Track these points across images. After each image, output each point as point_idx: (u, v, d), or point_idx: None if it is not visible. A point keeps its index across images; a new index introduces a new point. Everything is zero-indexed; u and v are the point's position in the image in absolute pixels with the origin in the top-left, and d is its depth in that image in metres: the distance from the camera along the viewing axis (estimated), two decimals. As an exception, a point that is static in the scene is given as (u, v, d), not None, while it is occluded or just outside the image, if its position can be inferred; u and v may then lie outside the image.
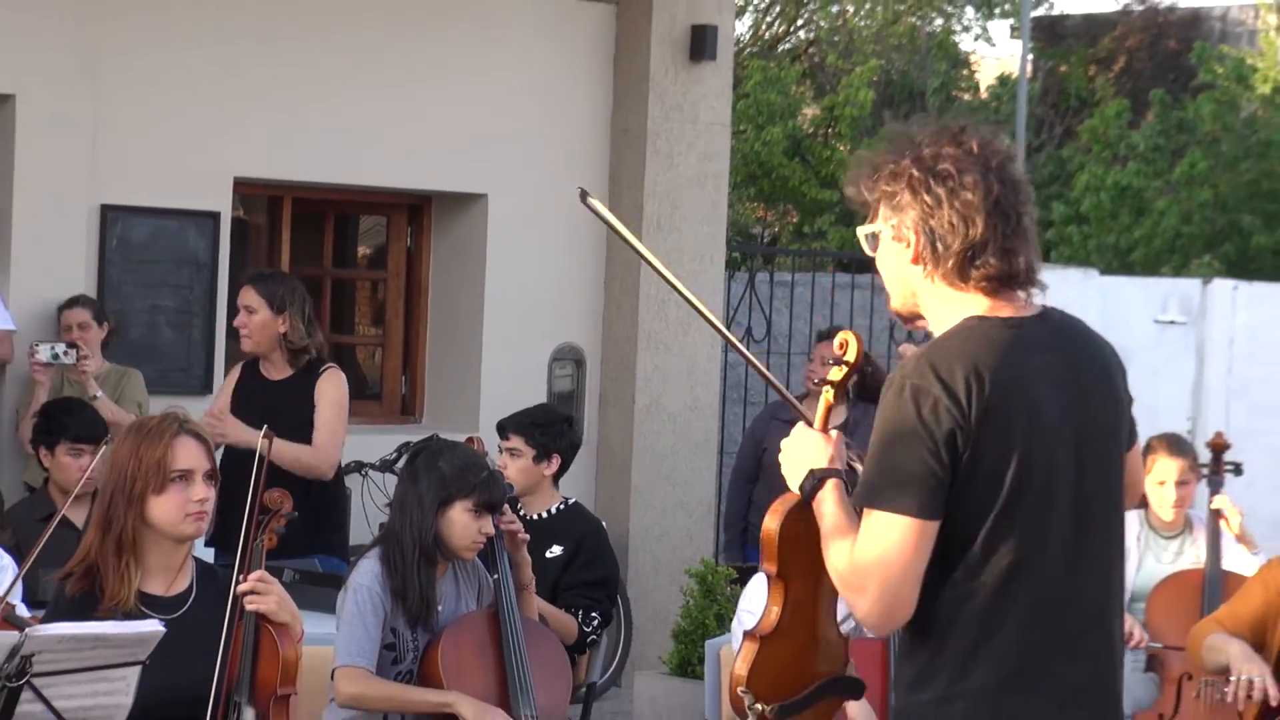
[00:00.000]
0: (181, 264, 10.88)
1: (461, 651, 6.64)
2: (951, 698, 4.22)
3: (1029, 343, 4.28)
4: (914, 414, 4.15)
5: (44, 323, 10.24)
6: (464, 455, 6.86)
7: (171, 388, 10.44)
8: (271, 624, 5.72)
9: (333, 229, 12.27)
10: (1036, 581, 4.22)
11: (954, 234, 4.21)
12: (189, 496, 5.72)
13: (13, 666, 4.86)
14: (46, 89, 10.40)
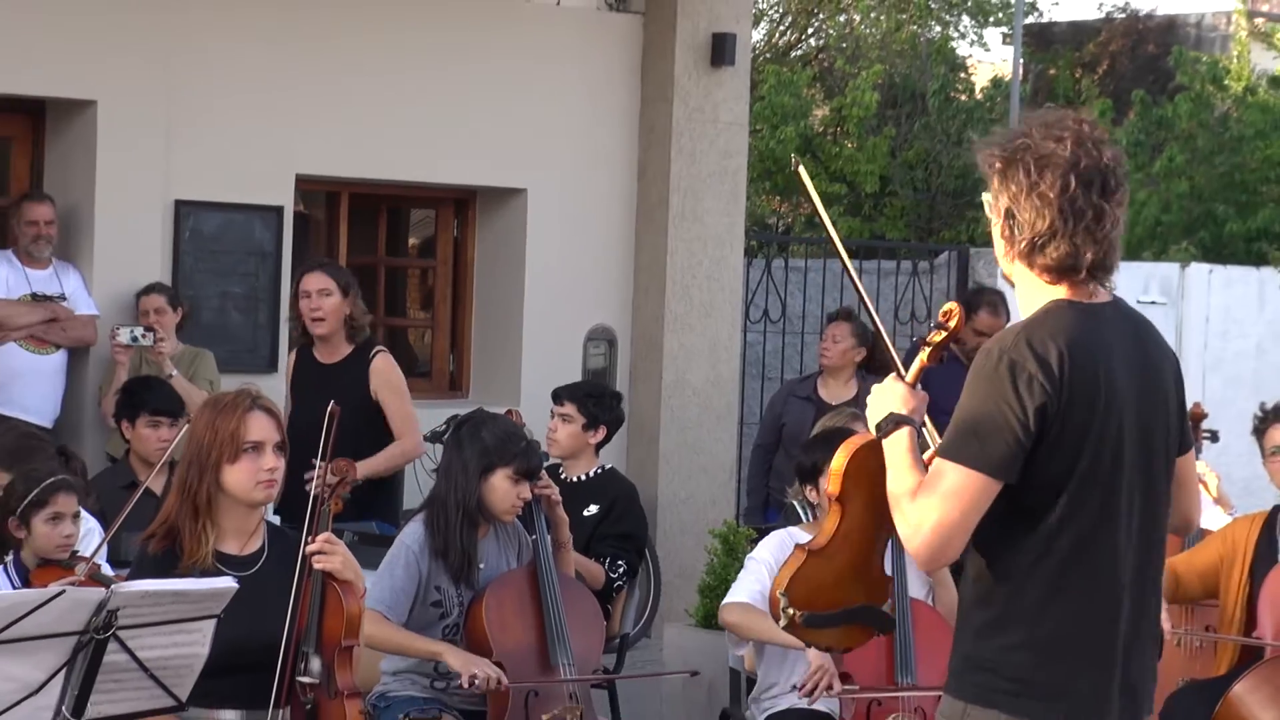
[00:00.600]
0: (248, 254, 10.89)
1: (503, 606, 6.66)
2: (1021, 646, 4.26)
3: (1107, 329, 4.30)
4: (1010, 385, 4.14)
5: (124, 308, 10.23)
6: (505, 426, 6.89)
7: (239, 367, 10.47)
8: (336, 581, 5.76)
9: (386, 221, 12.28)
10: (1102, 550, 4.26)
11: (1027, 222, 4.23)
12: (260, 465, 5.75)
13: (100, 620, 4.87)
14: (124, 96, 10.39)
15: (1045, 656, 4.25)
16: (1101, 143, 4.28)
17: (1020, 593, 4.27)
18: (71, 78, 10.33)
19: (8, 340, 9.91)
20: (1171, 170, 20.48)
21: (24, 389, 9.95)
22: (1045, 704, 4.25)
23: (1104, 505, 4.25)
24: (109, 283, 10.35)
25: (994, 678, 4.27)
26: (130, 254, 10.45)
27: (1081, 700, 4.27)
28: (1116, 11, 25.68)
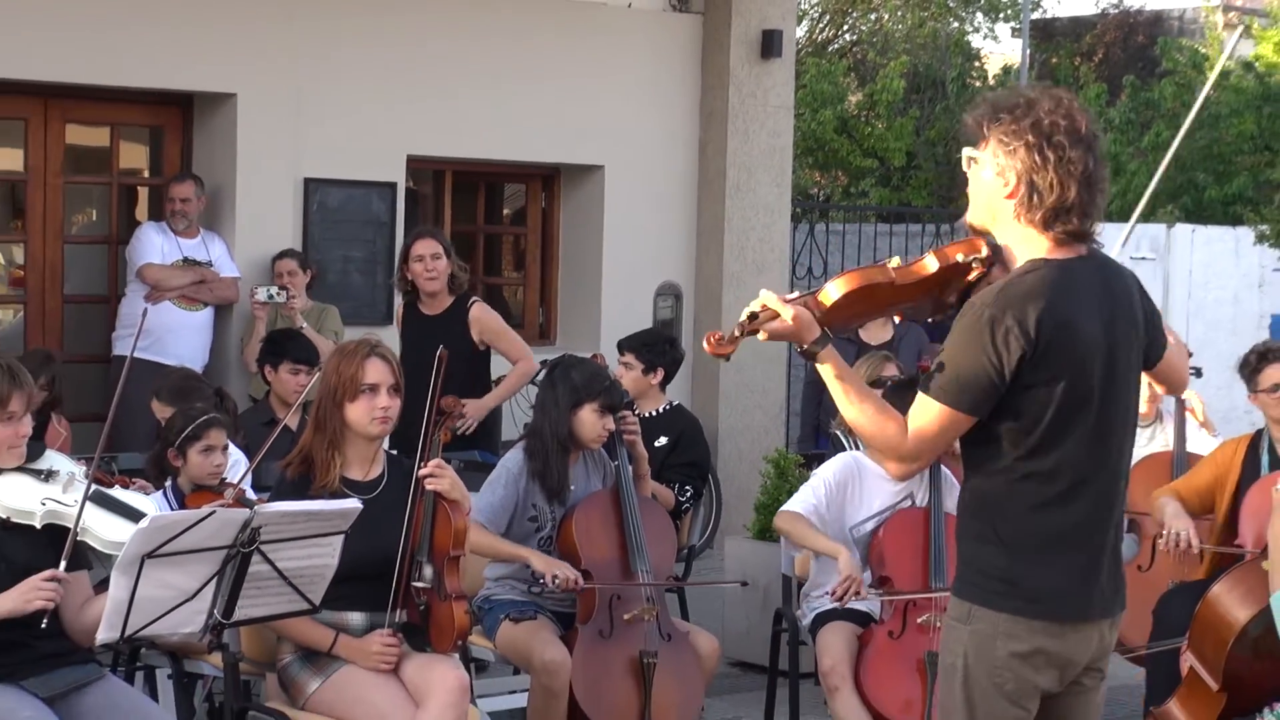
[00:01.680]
0: (366, 223, 10.89)
1: (590, 521, 6.65)
2: (1011, 551, 4.26)
3: (1079, 282, 4.25)
4: (989, 337, 4.14)
5: (261, 271, 10.27)
6: (591, 368, 6.87)
7: (359, 320, 10.48)
8: (446, 500, 5.76)
9: (484, 195, 12.26)
10: (1075, 471, 4.24)
11: (1051, 192, 4.16)
12: (375, 404, 5.76)
13: (245, 536, 4.89)
14: (260, 88, 10.40)
15: (1029, 562, 4.24)
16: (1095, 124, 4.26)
17: (1007, 507, 4.26)
18: (215, 74, 10.34)
19: (163, 299, 9.94)
20: (1158, 144, 20.31)
21: (177, 341, 9.97)
22: (1032, 602, 4.23)
23: (1080, 433, 4.23)
24: (248, 249, 10.38)
25: (988, 579, 4.27)
26: (266, 224, 10.48)
27: (1064, 598, 4.26)
28: (1110, 7, 25.51)
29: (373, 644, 5.65)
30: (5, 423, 5.20)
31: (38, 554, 5.16)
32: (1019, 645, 4.23)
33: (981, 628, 4.27)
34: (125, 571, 4.74)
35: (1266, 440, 7.19)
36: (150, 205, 10.86)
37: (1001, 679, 4.25)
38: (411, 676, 5.65)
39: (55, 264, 10.33)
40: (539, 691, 6.43)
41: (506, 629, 6.59)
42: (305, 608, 5.20)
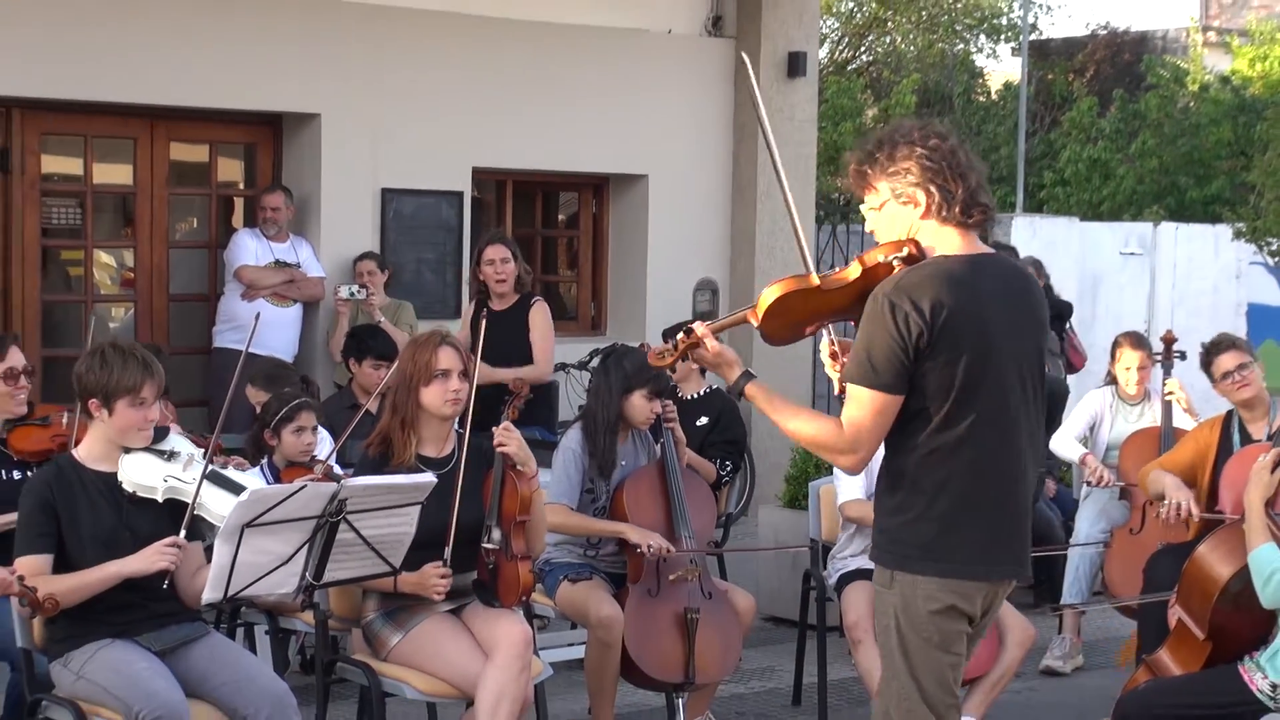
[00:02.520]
0: (437, 228, 10.87)
1: (639, 493, 6.61)
2: (920, 521, 4.26)
3: (980, 274, 4.25)
4: (890, 321, 4.15)
5: (344, 271, 10.28)
6: (640, 357, 6.81)
7: (431, 314, 10.47)
8: (514, 471, 5.74)
9: (541, 201, 12.23)
10: (980, 446, 4.24)
11: (957, 185, 4.20)
12: (447, 388, 5.74)
13: (333, 507, 4.91)
14: (342, 108, 10.42)
15: (940, 528, 4.24)
16: (949, 135, 4.31)
17: (918, 480, 4.26)
18: (302, 97, 10.36)
19: (257, 297, 9.97)
20: (1144, 151, 20.22)
21: (270, 334, 9.96)
22: (942, 564, 4.25)
23: (984, 411, 4.22)
24: (332, 252, 10.39)
25: (903, 546, 4.28)
26: (348, 230, 10.48)
27: (971, 562, 4.27)
28: (1100, 28, 25.31)
29: (429, 575, 5.59)
30: (137, 408, 5.22)
31: (160, 525, 5.18)
32: (935, 604, 4.25)
33: (904, 590, 4.28)
34: (227, 539, 4.76)
35: (1236, 420, 7.17)
36: (245, 214, 10.88)
37: (928, 633, 4.27)
38: (480, 630, 5.64)
39: (161, 267, 10.36)
40: (595, 644, 6.42)
41: (565, 588, 6.58)
42: (386, 570, 5.21)
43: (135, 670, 5.03)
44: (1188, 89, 21.49)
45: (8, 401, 6.17)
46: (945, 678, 4.32)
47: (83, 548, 5.14)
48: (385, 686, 5.64)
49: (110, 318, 10.96)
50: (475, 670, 5.52)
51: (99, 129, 10.13)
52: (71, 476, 5.23)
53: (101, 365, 5.21)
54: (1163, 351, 8.67)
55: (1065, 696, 7.80)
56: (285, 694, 5.14)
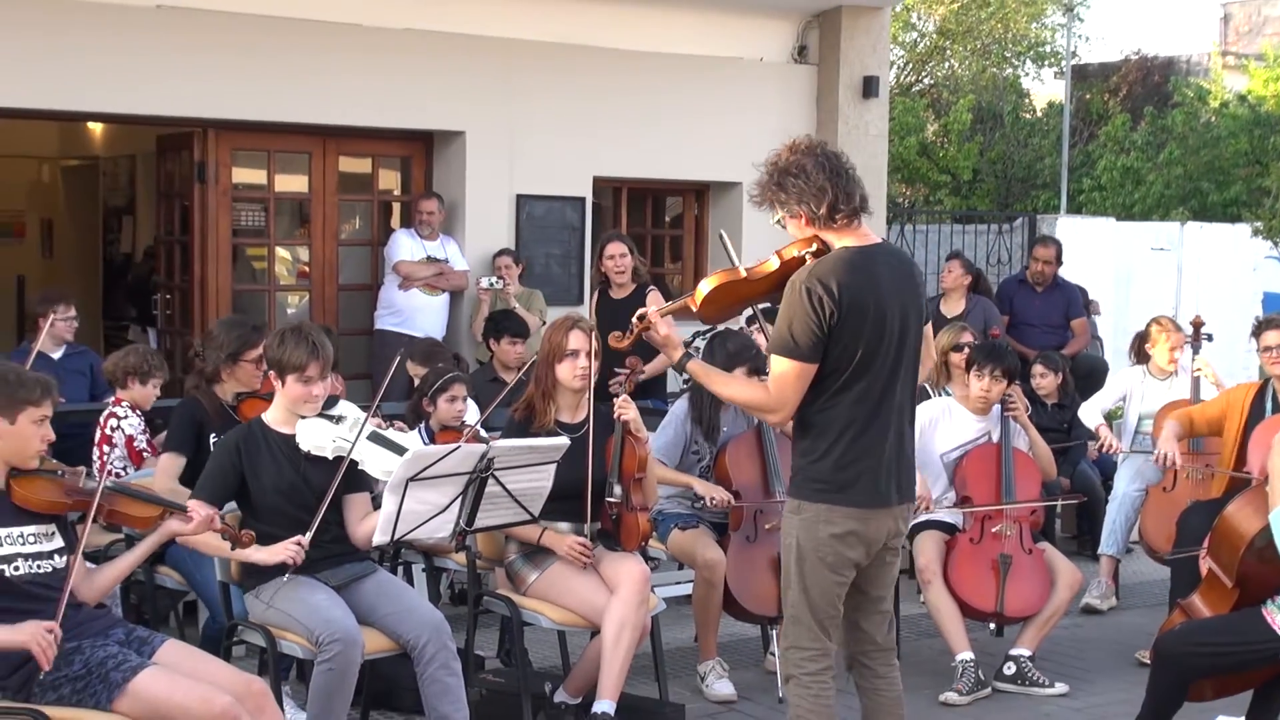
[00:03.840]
0: (563, 229, 10.83)
1: (739, 453, 6.56)
2: (822, 460, 4.40)
3: (872, 261, 4.38)
4: (807, 302, 4.29)
5: (484, 265, 10.26)
6: (741, 339, 6.77)
7: (558, 301, 10.43)
8: (632, 435, 5.73)
9: (651, 204, 12.14)
10: (870, 401, 4.38)
11: (819, 200, 4.36)
12: (576, 365, 5.74)
13: (483, 464, 4.92)
14: (483, 126, 10.41)
15: (838, 467, 4.37)
16: (811, 141, 4.48)
17: (822, 428, 4.39)
18: (449, 117, 10.36)
19: (412, 287, 9.99)
20: (1171, 160, 19.83)
21: (423, 319, 10.03)
22: (840, 494, 4.38)
23: (876, 373, 4.36)
24: (475, 248, 10.37)
25: (810, 481, 4.42)
26: (488, 230, 10.46)
27: (863, 492, 4.39)
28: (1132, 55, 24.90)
29: (569, 539, 5.64)
30: (303, 384, 5.24)
31: (330, 478, 5.20)
32: (835, 528, 4.38)
33: (808, 517, 4.42)
34: (394, 491, 4.78)
35: (1271, 390, 7.00)
36: (401, 216, 10.90)
37: (823, 554, 4.40)
38: (605, 570, 5.65)
39: (331, 261, 10.41)
40: (701, 583, 6.40)
41: (675, 535, 6.56)
42: (527, 519, 5.22)
43: (316, 601, 5.06)
44: (1209, 106, 21.08)
45: (253, 379, 6.29)
46: (830, 594, 4.45)
47: (265, 495, 5.19)
48: (524, 617, 5.66)
49: (288, 304, 11.07)
50: (601, 604, 5.53)
51: (280, 145, 10.19)
52: (259, 436, 5.28)
53: (279, 344, 5.27)
54: (1192, 334, 8.51)
55: (1106, 632, 7.69)
56: (442, 623, 5.15)
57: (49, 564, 4.46)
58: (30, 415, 4.44)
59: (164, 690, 4.32)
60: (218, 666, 4.61)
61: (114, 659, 4.38)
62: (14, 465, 4.45)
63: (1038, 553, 6.79)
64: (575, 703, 5.79)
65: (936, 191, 21.81)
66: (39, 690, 4.36)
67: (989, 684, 6.57)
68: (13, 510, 4.43)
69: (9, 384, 4.42)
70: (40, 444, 4.47)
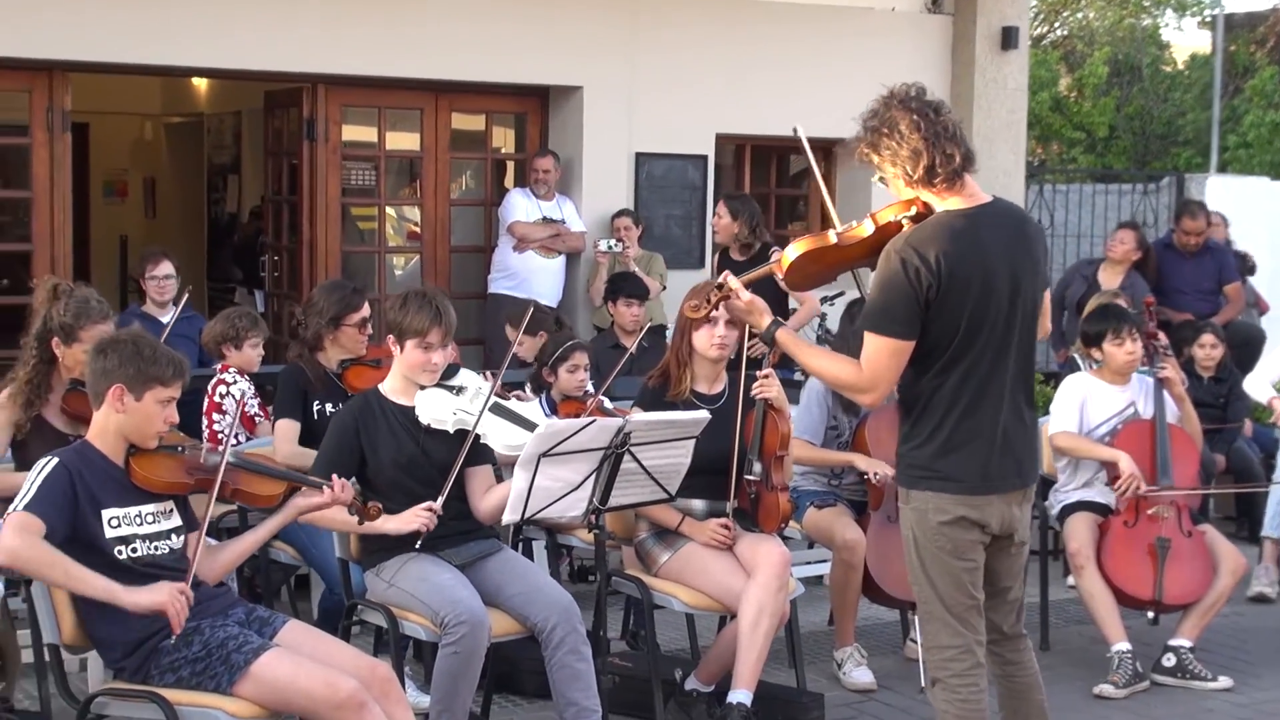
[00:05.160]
0: (684, 188, 10.72)
1: (879, 428, 6.35)
2: (926, 444, 4.27)
3: (979, 226, 4.19)
4: (903, 275, 4.11)
5: (602, 226, 10.17)
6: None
7: (678, 265, 10.38)
8: (774, 409, 5.59)
9: (776, 162, 11.99)
10: (977, 379, 4.23)
11: (914, 162, 4.20)
12: (714, 334, 5.62)
13: (619, 439, 4.81)
14: (601, 82, 10.29)
15: (942, 451, 4.24)
16: (909, 89, 4.30)
17: (927, 410, 4.26)
18: (566, 71, 10.26)
19: (527, 249, 9.95)
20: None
21: (538, 282, 9.98)
22: (947, 482, 4.25)
23: (983, 348, 4.20)
24: (592, 209, 10.29)
25: (914, 468, 4.30)
26: (606, 189, 10.37)
27: (972, 478, 4.25)
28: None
29: (711, 525, 5.54)
30: (422, 350, 5.17)
31: (451, 452, 5.14)
32: (944, 516, 4.24)
33: (917, 506, 4.29)
34: (525, 467, 4.69)
35: None
36: (515, 175, 10.85)
37: (940, 543, 4.26)
38: (743, 552, 5.53)
39: (443, 222, 10.38)
40: (839, 565, 6.26)
41: (812, 514, 6.41)
42: (664, 497, 5.11)
43: (441, 580, 4.99)
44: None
45: (358, 345, 6.26)
46: (960, 582, 4.29)
47: (383, 469, 5.13)
48: (655, 599, 5.57)
49: (396, 267, 11.08)
50: (738, 587, 5.42)
51: (391, 101, 10.16)
52: (376, 408, 5.22)
53: (401, 307, 5.19)
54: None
55: (1269, 621, 7.44)
56: (570, 604, 5.06)
57: (166, 544, 4.41)
58: (157, 394, 4.37)
59: (287, 673, 4.26)
60: (340, 648, 4.56)
61: (235, 640, 4.33)
62: (134, 443, 4.41)
63: (1198, 535, 6.56)
64: (708, 690, 5.69)
65: (1070, 149, 21.39)
66: (157, 673, 4.33)
67: (1146, 676, 6.37)
68: (131, 489, 4.38)
69: (142, 359, 4.36)
70: (163, 425, 4.41)
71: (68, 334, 5.57)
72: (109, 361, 4.37)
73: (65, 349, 5.57)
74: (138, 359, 4.36)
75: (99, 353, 4.41)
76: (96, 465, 4.35)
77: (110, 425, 4.39)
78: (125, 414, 4.36)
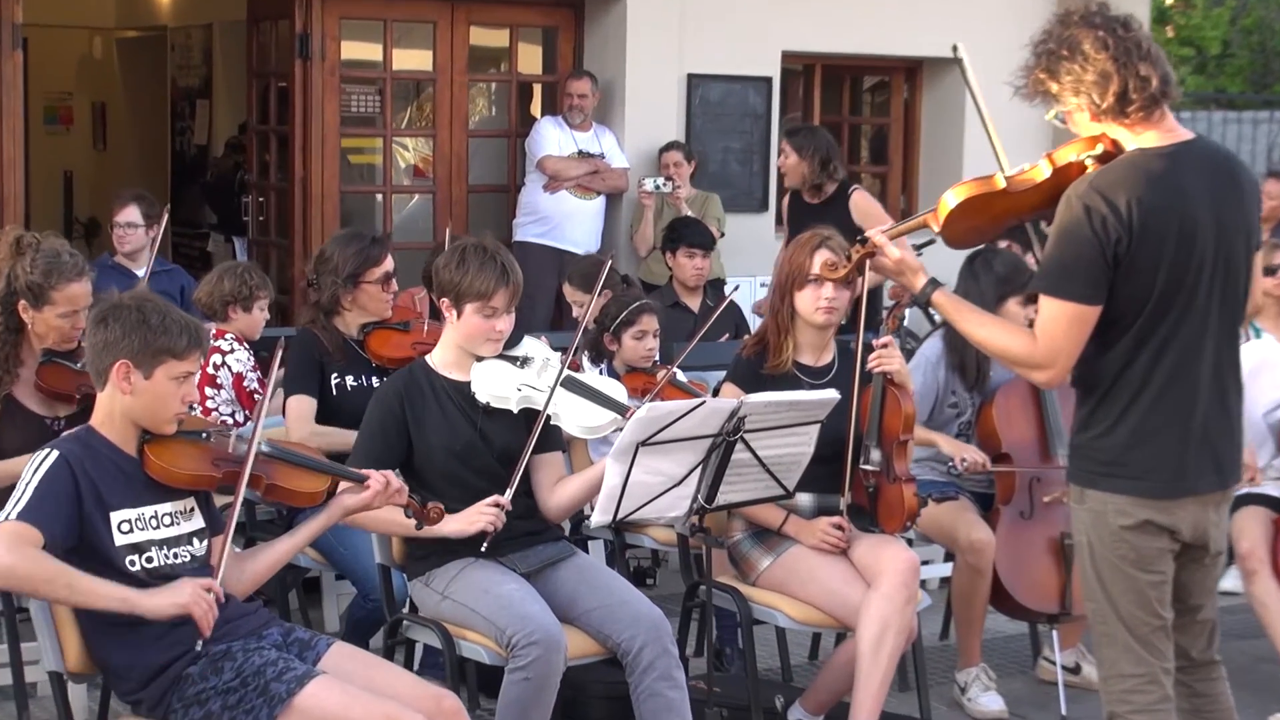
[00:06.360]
0: (744, 116, 10.66)
1: (1009, 405, 6.26)
2: (1109, 434, 4.14)
3: (1179, 168, 4.07)
4: (1086, 224, 3.99)
5: (648, 162, 10.12)
6: (1011, 259, 6.40)
7: (738, 208, 10.39)
8: (895, 385, 5.45)
9: (849, 87, 11.90)
10: (1175, 355, 4.10)
11: (1101, 89, 4.05)
12: (820, 294, 5.48)
13: (731, 425, 4.67)
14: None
15: (1129, 443, 4.12)
16: (1097, 16, 4.13)
17: (1111, 394, 4.13)
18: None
19: (560, 189, 9.92)
20: None
21: (573, 227, 9.96)
22: (1132, 481, 4.12)
23: (1182, 318, 4.08)
24: (636, 142, 10.23)
25: (1091, 462, 4.18)
26: (653, 118, 10.31)
27: (1165, 476, 4.12)
28: None
29: (821, 524, 5.42)
30: (485, 317, 5.03)
31: (516, 436, 5.04)
32: (1126, 520, 4.13)
33: (1094, 507, 4.18)
34: (620, 459, 4.56)
35: None
36: (544, 101, 10.79)
37: (1121, 551, 4.14)
38: (861, 557, 5.41)
39: (460, 157, 10.34)
40: (964, 569, 6.14)
41: (929, 509, 6.22)
42: (780, 493, 4.99)
43: (506, 592, 4.87)
44: None
45: (381, 306, 6.13)
46: (1145, 599, 4.17)
47: (433, 458, 5.01)
48: (755, 613, 5.45)
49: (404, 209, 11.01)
50: (855, 599, 5.31)
51: (398, 13, 10.11)
52: (424, 384, 5.09)
53: (459, 264, 5.04)
54: None
55: None
56: (660, 620, 4.93)
57: (187, 550, 4.29)
58: (170, 370, 4.23)
59: (338, 707, 4.15)
60: (398, 676, 4.45)
61: (273, 666, 4.22)
62: (147, 429, 4.27)
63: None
64: (817, 721, 5.59)
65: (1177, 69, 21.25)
66: (180, 706, 4.21)
67: (1329, 703, 6.25)
68: (145, 485, 4.25)
69: (149, 328, 4.21)
70: (179, 406, 4.27)
71: (37, 295, 5.44)
72: (110, 332, 4.24)
73: (35, 313, 5.46)
74: (144, 328, 4.22)
75: (98, 322, 4.28)
76: (104, 457, 4.23)
77: (116, 409, 4.27)
78: (133, 395, 4.24)
